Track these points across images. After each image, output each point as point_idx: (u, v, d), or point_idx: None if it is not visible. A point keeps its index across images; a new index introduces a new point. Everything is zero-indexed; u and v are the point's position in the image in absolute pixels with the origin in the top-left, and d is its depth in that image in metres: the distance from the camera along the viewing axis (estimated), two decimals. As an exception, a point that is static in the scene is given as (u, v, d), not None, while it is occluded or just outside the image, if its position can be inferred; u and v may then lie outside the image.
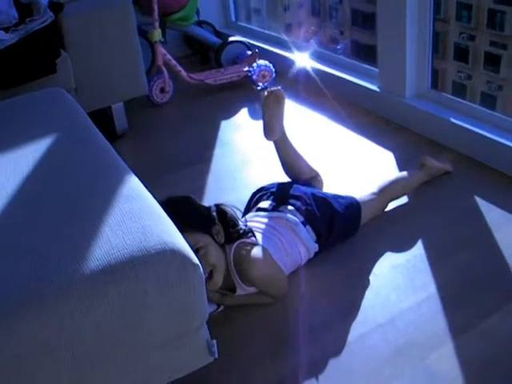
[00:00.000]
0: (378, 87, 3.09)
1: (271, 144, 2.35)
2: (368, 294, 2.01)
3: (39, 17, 2.92)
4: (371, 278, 2.07)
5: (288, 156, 2.37)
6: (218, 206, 2.04)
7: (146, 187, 1.59)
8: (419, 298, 1.96)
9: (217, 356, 1.47)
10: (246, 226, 2.02)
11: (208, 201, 2.44)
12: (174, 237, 1.37)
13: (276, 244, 2.03)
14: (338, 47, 3.67)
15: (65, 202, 1.53)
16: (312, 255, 2.14)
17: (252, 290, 1.97)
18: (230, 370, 1.77)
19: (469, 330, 1.82)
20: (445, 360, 1.72)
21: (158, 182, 2.66)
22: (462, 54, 4.11)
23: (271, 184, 2.31)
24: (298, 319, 1.95)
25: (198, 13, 3.96)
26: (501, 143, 2.50)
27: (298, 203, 2.15)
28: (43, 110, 2.20)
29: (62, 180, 1.66)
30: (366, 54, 4.43)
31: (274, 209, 2.15)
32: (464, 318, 1.86)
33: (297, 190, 2.22)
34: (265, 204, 2.19)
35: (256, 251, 1.95)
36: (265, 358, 1.81)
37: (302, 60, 3.58)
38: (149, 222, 1.40)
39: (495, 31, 3.96)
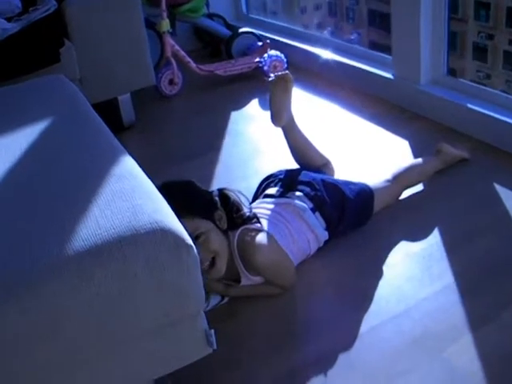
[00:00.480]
0: (392, 75, 2.97)
1: (282, 132, 2.25)
2: (381, 284, 1.90)
3: (42, 6, 2.84)
4: (384, 267, 1.96)
5: (297, 143, 2.27)
6: (220, 190, 1.94)
7: (152, 178, 1.49)
8: (435, 287, 1.85)
9: (215, 347, 1.36)
10: (250, 211, 1.92)
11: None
12: (166, 216, 1.27)
13: (282, 230, 1.92)
14: (352, 37, 3.55)
15: (55, 184, 1.44)
16: (322, 243, 2.04)
17: (258, 279, 1.87)
18: (235, 364, 1.68)
19: (488, 321, 1.70)
20: (463, 353, 1.61)
21: (166, 173, 2.57)
22: (480, 54, 4.04)
23: (279, 171, 2.21)
24: (307, 310, 1.85)
25: (207, 5, 3.88)
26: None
27: (307, 189, 2.04)
28: (42, 95, 2.12)
29: (55, 162, 1.57)
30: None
31: (281, 195, 2.05)
32: (483, 308, 1.75)
33: (306, 176, 2.11)
34: (272, 190, 2.09)
35: (261, 237, 1.85)
36: (272, 351, 1.70)
37: (315, 50, 3.46)
38: (140, 201, 1.30)
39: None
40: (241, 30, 3.74)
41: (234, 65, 3.52)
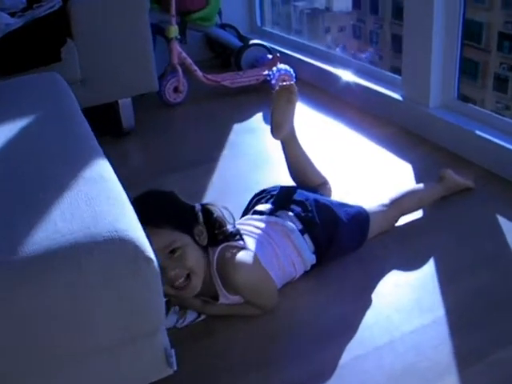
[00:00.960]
0: (401, 96, 2.88)
1: (281, 152, 2.17)
2: (368, 312, 1.79)
3: (47, 2, 2.79)
4: (373, 295, 1.86)
5: (296, 158, 2.17)
6: (203, 205, 1.82)
7: (143, 185, 1.40)
8: (424, 320, 1.74)
9: (176, 368, 1.27)
10: (234, 227, 1.81)
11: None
12: (127, 225, 1.18)
13: (267, 250, 1.82)
14: (364, 56, 3.47)
15: (21, 182, 1.36)
16: (308, 267, 1.93)
17: (237, 298, 1.76)
18: (211, 382, 1.58)
19: (477, 361, 1.58)
20: (447, 394, 1.50)
21: (159, 182, 2.52)
22: (501, 84, 3.99)
23: (274, 187, 2.11)
24: (288, 335, 1.74)
25: (220, 14, 3.80)
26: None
27: (298, 209, 1.94)
28: (31, 92, 2.06)
29: (25, 160, 1.49)
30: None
31: (271, 213, 1.95)
32: (473, 346, 1.63)
33: (299, 195, 2.01)
34: (262, 207, 1.99)
35: (242, 255, 1.74)
36: (249, 371, 1.61)
37: (325, 67, 3.38)
38: (104, 208, 1.22)
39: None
40: (251, 42, 3.66)
41: (242, 76, 3.44)
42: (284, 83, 2.16)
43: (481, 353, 1.61)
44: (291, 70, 3.42)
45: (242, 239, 1.79)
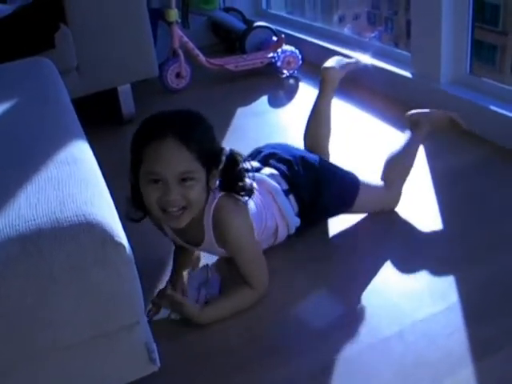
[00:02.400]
0: (411, 73, 2.75)
1: (286, 134, 2.06)
2: (375, 300, 1.67)
3: (39, -13, 2.68)
4: (380, 281, 1.74)
5: (320, 114, 2.18)
6: (232, 152, 1.66)
7: None
8: (436, 308, 1.61)
9: (159, 365, 1.16)
10: (249, 185, 1.68)
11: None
12: (97, 208, 1.07)
13: (257, 212, 1.73)
14: (373, 35, 3.33)
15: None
16: (293, 230, 1.84)
17: (220, 251, 1.70)
18: (199, 381, 1.46)
19: (492, 351, 1.46)
20: (461, 387, 1.38)
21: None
22: None
23: (267, 145, 2.02)
24: (287, 326, 1.63)
25: (223, -2, 3.69)
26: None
27: (284, 167, 1.85)
28: (17, 77, 1.98)
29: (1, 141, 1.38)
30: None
31: (257, 170, 1.84)
32: (488, 337, 1.50)
33: (286, 153, 1.91)
34: (248, 164, 1.81)
35: (244, 210, 1.65)
36: (239, 369, 1.49)
37: (332, 47, 3.25)
38: (73, 191, 1.11)
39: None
40: (256, 24, 3.53)
41: (246, 59, 3.32)
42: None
43: (495, 344, 1.48)
44: (297, 51, 3.30)
45: (250, 198, 1.68)
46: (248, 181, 1.68)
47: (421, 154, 2.32)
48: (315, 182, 1.85)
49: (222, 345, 1.58)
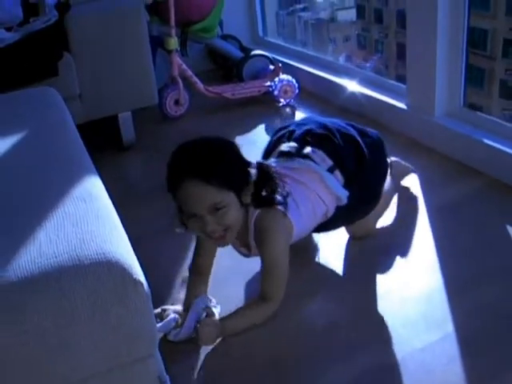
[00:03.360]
0: (406, 105, 2.81)
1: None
2: (375, 328, 1.73)
3: (43, 16, 2.74)
4: (380, 310, 1.80)
5: None
6: (260, 164, 1.75)
7: (141, 202, 1.35)
8: (433, 337, 1.67)
9: (171, 396, 1.21)
10: (282, 196, 1.76)
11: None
12: (116, 246, 1.12)
13: (306, 205, 1.85)
14: (368, 64, 3.41)
15: (6, 202, 1.31)
16: (345, 200, 1.91)
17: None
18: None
19: (488, 381, 1.52)
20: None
21: (157, 198, 2.45)
22: (507, 92, 3.94)
23: (290, 122, 2.11)
24: (293, 355, 1.67)
25: (221, 25, 3.75)
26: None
27: (325, 142, 1.93)
28: (25, 107, 2.02)
29: (14, 177, 1.43)
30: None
31: (298, 152, 1.92)
32: (483, 366, 1.57)
33: (320, 127, 1.98)
34: (287, 147, 1.95)
35: (281, 228, 1.76)
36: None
37: (328, 76, 3.32)
38: (91, 228, 1.16)
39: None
40: (253, 53, 3.60)
41: (244, 87, 3.39)
42: None
43: (489, 373, 1.54)
44: (293, 80, 3.36)
45: (287, 206, 1.77)
46: (279, 191, 1.75)
47: (417, 185, 2.39)
48: (356, 151, 1.94)
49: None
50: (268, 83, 3.37)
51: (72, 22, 2.72)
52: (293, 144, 1.95)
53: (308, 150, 1.91)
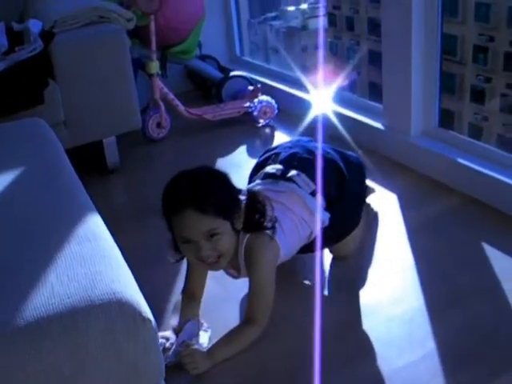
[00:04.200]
0: (383, 125, 2.92)
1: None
2: (359, 348, 1.82)
3: (28, 45, 2.80)
4: (365, 330, 1.89)
5: None
6: (250, 191, 1.89)
7: (127, 225, 1.43)
8: (415, 356, 1.76)
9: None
10: (271, 221, 1.86)
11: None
12: (124, 286, 1.19)
13: (290, 227, 1.93)
14: (344, 83, 3.50)
15: (12, 242, 1.37)
16: (326, 223, 2.02)
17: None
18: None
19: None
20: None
21: (143, 221, 2.54)
22: (478, 96, 4.06)
23: (276, 146, 2.23)
24: (278, 375, 1.75)
25: (200, 46, 3.83)
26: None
27: (309, 167, 2.03)
28: (16, 140, 2.07)
29: (16, 217, 1.50)
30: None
31: (283, 174, 2.02)
32: (466, 380, 1.66)
33: (306, 151, 2.10)
34: (273, 169, 2.06)
35: (269, 251, 1.86)
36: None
37: (307, 96, 3.41)
38: (99, 268, 1.23)
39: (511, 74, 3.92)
40: (232, 74, 3.68)
41: (223, 109, 3.47)
42: None
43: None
44: (273, 101, 3.44)
45: (275, 231, 1.86)
46: (268, 217, 1.85)
47: (394, 203, 2.48)
48: (338, 175, 2.06)
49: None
50: (247, 104, 3.46)
51: (56, 50, 2.78)
52: (278, 166, 2.05)
53: (293, 173, 2.01)
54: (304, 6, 5.30)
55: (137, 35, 3.37)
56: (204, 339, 1.83)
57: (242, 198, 1.83)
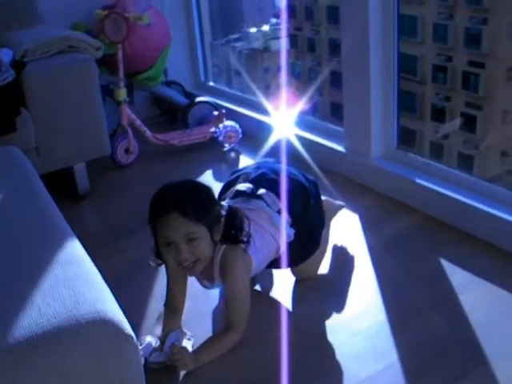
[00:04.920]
0: (344, 147, 3.04)
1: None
2: (326, 362, 1.92)
3: (0, 74, 2.86)
4: (331, 344, 1.99)
5: None
6: (230, 207, 2.03)
7: (100, 250, 1.52)
8: (380, 366, 1.87)
9: None
10: (247, 235, 2.01)
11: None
12: (107, 305, 1.28)
13: (260, 242, 2.07)
14: (306, 106, 3.62)
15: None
16: (291, 238, 2.15)
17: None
18: None
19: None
20: None
21: (118, 243, 2.61)
22: (438, 115, 4.15)
23: (244, 167, 2.37)
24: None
25: (165, 73, 3.93)
26: (467, 204, 2.46)
27: (276, 187, 2.17)
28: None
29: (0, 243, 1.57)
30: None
31: (252, 192, 2.16)
32: (426, 388, 1.77)
33: (273, 172, 2.24)
34: (243, 187, 2.19)
35: (241, 263, 2.00)
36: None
37: (269, 120, 3.53)
38: (82, 289, 1.32)
39: (470, 92, 4.00)
40: (197, 100, 3.79)
41: (190, 134, 3.57)
42: None
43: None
44: (237, 126, 3.55)
45: (248, 245, 2.01)
46: (245, 232, 2.00)
47: (356, 223, 2.60)
48: (303, 196, 2.19)
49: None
50: (213, 129, 3.56)
51: (28, 78, 2.86)
52: (248, 185, 2.19)
53: (262, 191, 2.16)
54: (266, 28, 5.38)
55: (104, 63, 3.46)
56: (188, 347, 1.94)
57: (223, 212, 1.98)
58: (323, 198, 2.43)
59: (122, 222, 2.88)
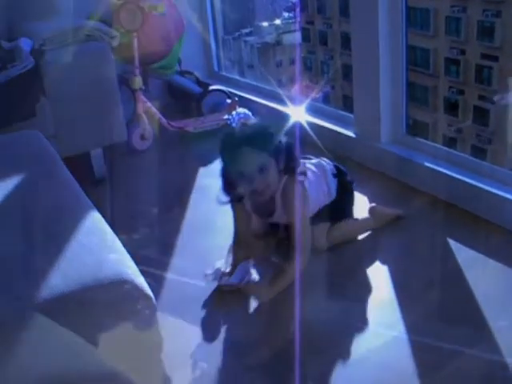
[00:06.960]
0: (354, 133, 3.11)
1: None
2: (335, 333, 1.99)
3: (20, 62, 2.95)
4: (341, 318, 2.06)
5: None
6: (289, 143, 2.27)
7: (118, 232, 1.61)
8: (388, 337, 1.94)
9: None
10: (303, 166, 2.35)
11: (183, 245, 2.53)
12: (128, 268, 1.37)
13: (315, 186, 2.38)
14: (318, 95, 3.69)
15: (24, 235, 1.53)
16: (333, 196, 2.48)
17: (284, 219, 2.33)
18: None
19: (439, 370, 1.80)
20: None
21: (133, 227, 2.68)
22: (451, 108, 4.17)
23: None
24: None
25: (179, 62, 4.01)
26: (475, 186, 2.52)
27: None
28: (16, 151, 2.22)
29: (25, 214, 1.66)
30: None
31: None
32: (434, 358, 1.84)
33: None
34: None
35: (303, 193, 2.29)
36: None
37: (281, 108, 3.60)
38: (105, 255, 1.41)
39: (483, 85, 4.03)
40: (211, 88, 3.87)
41: (203, 121, 3.65)
42: None
43: (441, 363, 1.82)
44: (250, 113, 3.62)
45: (306, 177, 2.31)
46: (301, 162, 2.35)
47: (366, 205, 2.67)
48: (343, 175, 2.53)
49: None
50: (226, 116, 3.64)
51: (46, 67, 2.94)
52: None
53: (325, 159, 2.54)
54: (278, 22, 5.42)
55: (120, 52, 3.53)
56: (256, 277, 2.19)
57: (284, 147, 2.24)
58: (373, 204, 2.57)
59: (136, 207, 2.96)
